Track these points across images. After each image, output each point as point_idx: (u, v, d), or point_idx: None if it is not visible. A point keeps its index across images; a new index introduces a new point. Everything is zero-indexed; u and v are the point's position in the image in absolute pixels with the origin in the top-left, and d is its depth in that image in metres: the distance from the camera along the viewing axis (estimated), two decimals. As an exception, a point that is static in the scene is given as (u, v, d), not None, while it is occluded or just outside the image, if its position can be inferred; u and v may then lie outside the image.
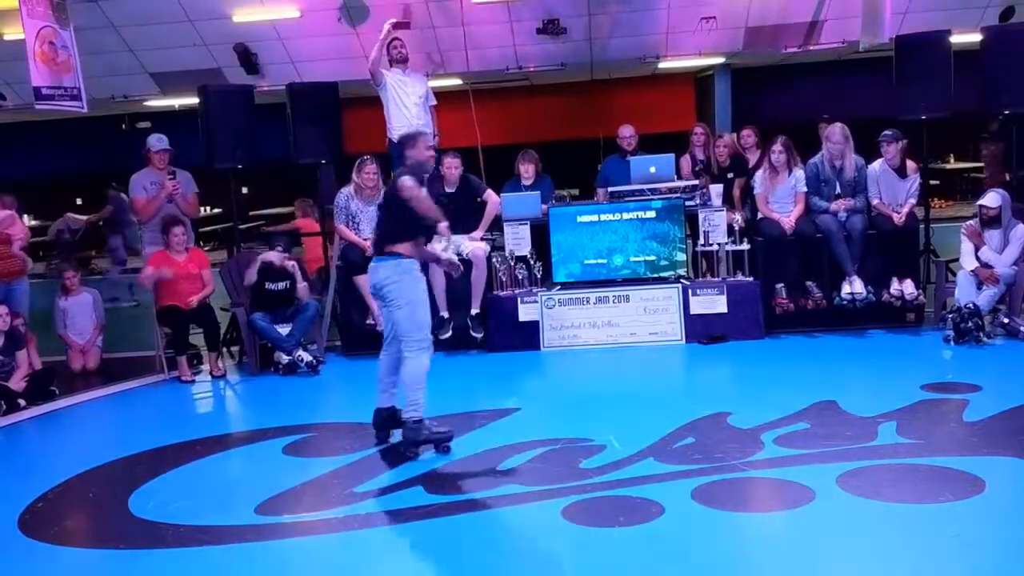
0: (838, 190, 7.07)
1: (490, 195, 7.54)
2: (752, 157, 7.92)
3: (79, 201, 17.62)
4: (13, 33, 8.97)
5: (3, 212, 7.52)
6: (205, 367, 7.20)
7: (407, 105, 7.75)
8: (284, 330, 6.99)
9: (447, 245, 5.62)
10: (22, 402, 6.40)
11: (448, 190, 7.43)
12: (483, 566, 3.53)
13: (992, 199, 6.72)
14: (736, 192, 7.82)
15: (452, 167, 7.47)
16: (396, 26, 7.84)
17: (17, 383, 6.49)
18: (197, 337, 7.22)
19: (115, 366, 7.63)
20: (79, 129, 14.78)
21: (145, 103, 12.73)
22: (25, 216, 15.96)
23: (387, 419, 5.05)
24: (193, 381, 6.94)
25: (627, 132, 8.26)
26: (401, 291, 4.77)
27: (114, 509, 4.35)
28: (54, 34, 7.25)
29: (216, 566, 3.67)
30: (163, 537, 3.96)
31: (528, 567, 3.51)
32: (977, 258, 6.72)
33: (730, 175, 7.86)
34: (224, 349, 7.46)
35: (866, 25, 8.86)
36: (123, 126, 14.83)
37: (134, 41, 10.74)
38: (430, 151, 5.25)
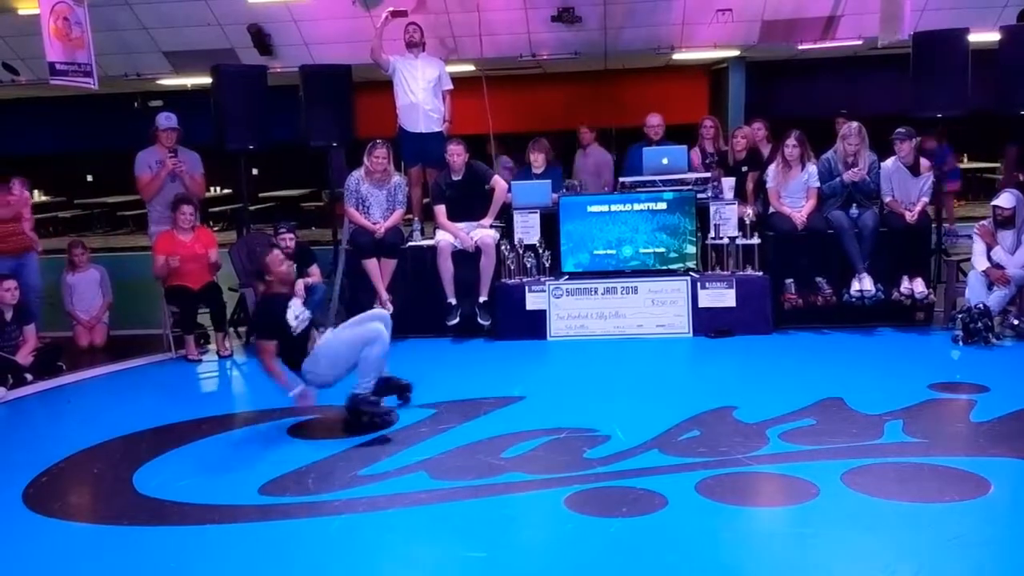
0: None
1: (497, 181, 7.48)
2: (763, 150, 7.87)
3: (89, 178, 17.67)
4: (28, 8, 8.98)
5: (24, 194, 7.60)
6: (212, 347, 7.23)
7: (414, 90, 7.73)
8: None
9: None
10: (29, 376, 6.44)
11: (454, 178, 7.37)
12: (485, 554, 3.53)
13: (1006, 199, 6.68)
14: (749, 186, 7.77)
15: (456, 154, 7.30)
16: (394, 15, 7.84)
17: (24, 357, 6.53)
18: (204, 317, 7.24)
19: (122, 343, 7.64)
20: (92, 106, 14.80)
21: (158, 82, 12.75)
22: (36, 191, 16.09)
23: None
24: (200, 360, 6.97)
25: (655, 120, 8.20)
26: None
27: (118, 486, 4.37)
28: (68, 10, 7.27)
29: (219, 545, 3.68)
30: (166, 515, 3.98)
31: (530, 556, 3.51)
32: (989, 258, 6.68)
33: (744, 168, 7.81)
34: (231, 329, 7.48)
35: (884, 21, 8.80)
36: (136, 104, 14.83)
37: (148, 19, 10.74)
38: None
